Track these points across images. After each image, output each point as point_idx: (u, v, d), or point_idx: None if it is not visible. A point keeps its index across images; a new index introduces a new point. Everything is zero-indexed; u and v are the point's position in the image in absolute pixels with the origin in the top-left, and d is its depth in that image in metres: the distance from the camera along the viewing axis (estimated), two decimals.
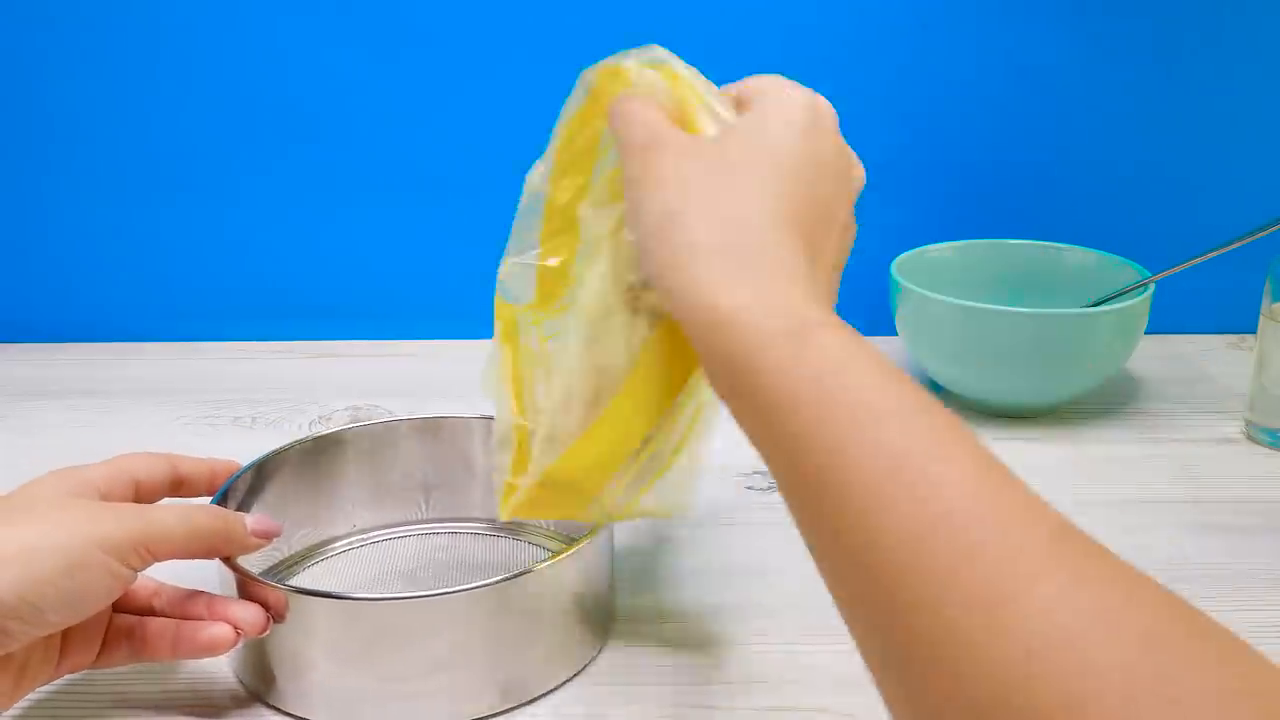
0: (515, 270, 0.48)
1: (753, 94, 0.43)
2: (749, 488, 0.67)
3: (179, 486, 0.51)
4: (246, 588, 0.48)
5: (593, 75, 0.46)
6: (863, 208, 0.88)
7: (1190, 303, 0.86)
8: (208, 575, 0.49)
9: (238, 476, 0.54)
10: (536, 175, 0.48)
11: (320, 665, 0.47)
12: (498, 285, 0.49)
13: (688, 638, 0.53)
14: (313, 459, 0.59)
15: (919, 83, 0.85)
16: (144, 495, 0.49)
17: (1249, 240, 0.68)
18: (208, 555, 0.47)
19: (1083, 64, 0.85)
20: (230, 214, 0.88)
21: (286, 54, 0.84)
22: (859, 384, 0.33)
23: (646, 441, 0.45)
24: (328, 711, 0.48)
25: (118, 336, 0.91)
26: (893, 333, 0.78)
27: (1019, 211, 0.88)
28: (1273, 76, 0.85)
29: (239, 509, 0.55)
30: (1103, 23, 0.84)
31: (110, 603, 0.44)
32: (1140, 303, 0.73)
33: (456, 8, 0.83)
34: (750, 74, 0.84)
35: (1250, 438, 0.73)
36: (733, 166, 0.39)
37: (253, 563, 0.53)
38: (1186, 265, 0.72)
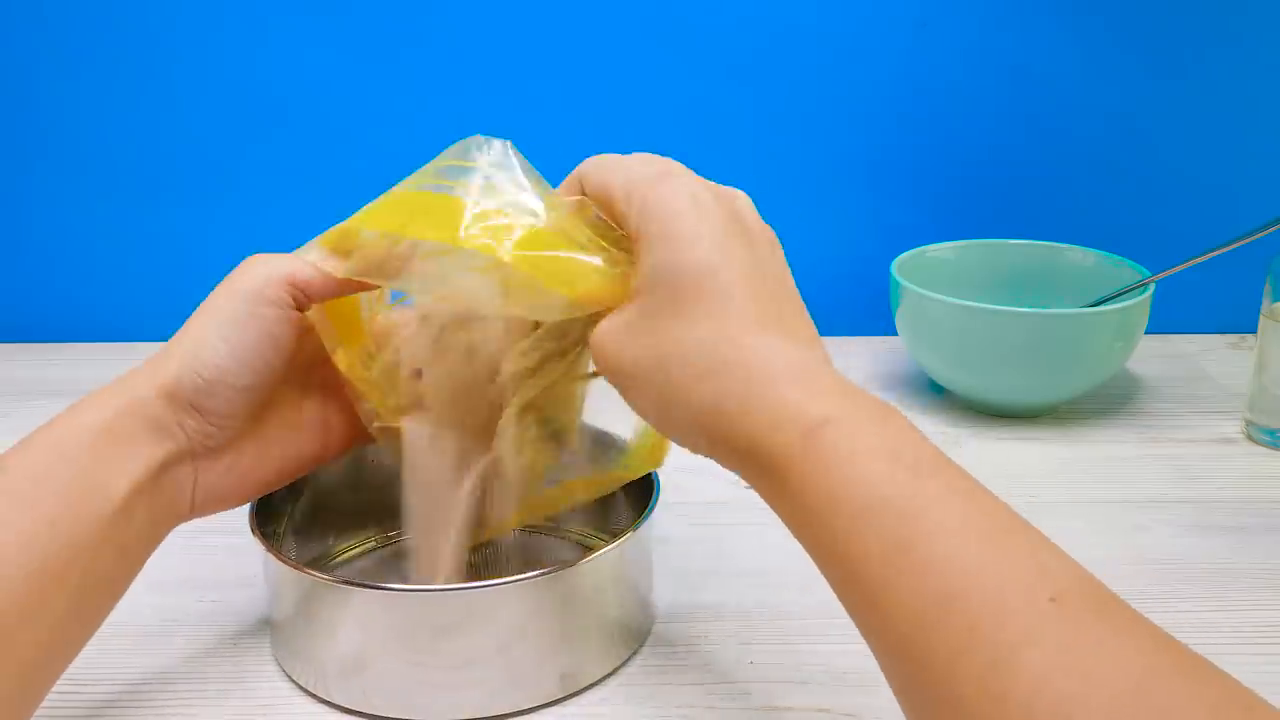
0: None
1: (636, 217, 0.41)
2: (749, 487, 0.67)
3: None
4: (303, 583, 0.48)
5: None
6: (863, 207, 0.89)
7: (1190, 303, 0.86)
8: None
9: None
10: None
11: (380, 658, 0.47)
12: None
13: (686, 638, 0.54)
14: (353, 456, 0.59)
15: (918, 82, 0.85)
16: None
17: (1249, 240, 0.68)
18: (357, 287, 0.47)
19: (1082, 63, 0.85)
20: (229, 214, 0.88)
21: (286, 55, 0.84)
22: (865, 475, 0.35)
23: None
24: (386, 704, 0.48)
25: (117, 336, 0.91)
26: (893, 332, 0.78)
27: (1019, 211, 0.88)
28: (1273, 76, 0.85)
29: (282, 503, 0.55)
30: (1102, 22, 0.84)
31: (283, 349, 0.45)
32: (1140, 303, 0.73)
33: (450, 12, 0.83)
34: (749, 75, 0.85)
35: (1250, 438, 0.73)
36: (680, 315, 0.39)
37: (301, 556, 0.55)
38: (1186, 265, 0.72)
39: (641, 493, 0.55)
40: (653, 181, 0.41)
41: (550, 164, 0.91)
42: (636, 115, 0.86)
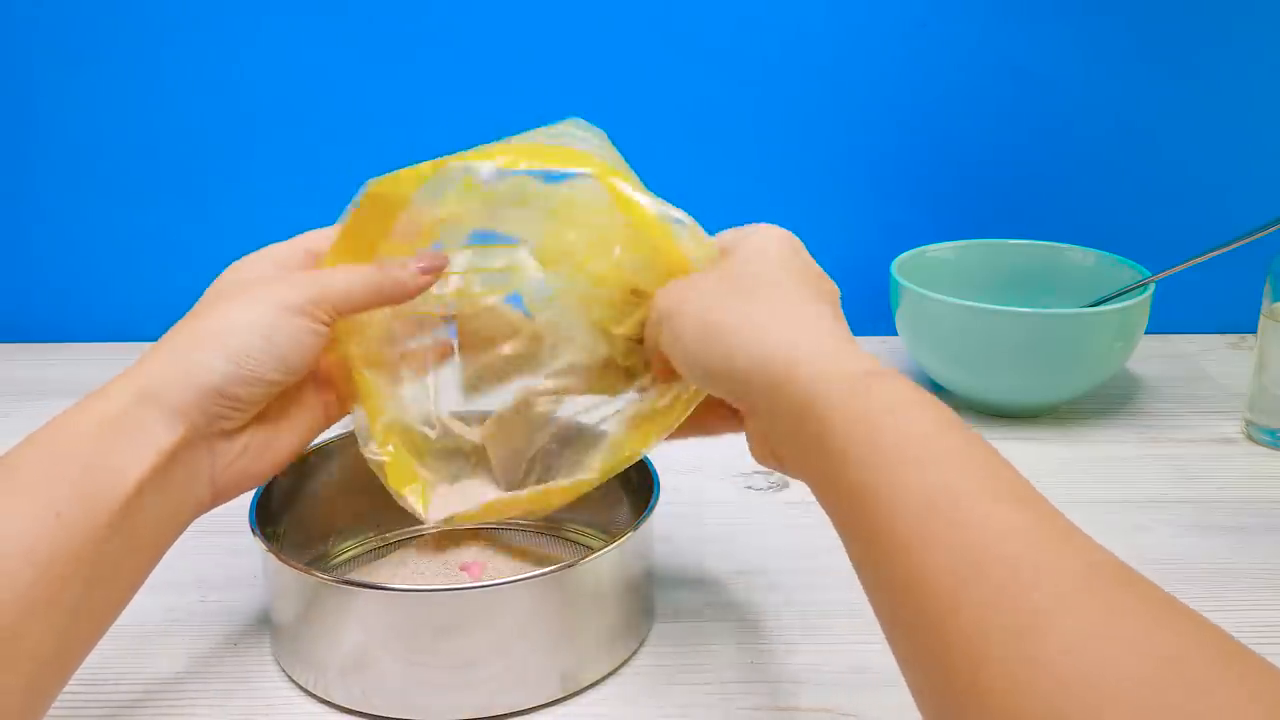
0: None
1: (728, 241, 0.48)
2: (749, 488, 0.67)
3: None
4: (304, 583, 0.48)
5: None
6: (863, 208, 0.89)
7: (1190, 303, 0.86)
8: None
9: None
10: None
11: (380, 658, 0.47)
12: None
13: (686, 638, 0.54)
14: (351, 453, 0.59)
15: (918, 83, 0.85)
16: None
17: (1249, 240, 0.68)
18: (387, 303, 0.49)
19: (1083, 64, 0.85)
20: (228, 214, 0.88)
21: (286, 56, 0.84)
22: (909, 428, 0.36)
23: None
24: (386, 704, 0.48)
25: (117, 336, 0.91)
26: (893, 332, 0.78)
27: (1019, 211, 0.88)
28: (1273, 76, 0.85)
29: (281, 503, 0.55)
30: (1103, 22, 0.84)
31: (314, 355, 0.47)
32: (1140, 303, 0.73)
33: (454, 13, 0.83)
34: (746, 73, 0.85)
35: (1250, 438, 0.73)
36: (754, 285, 0.45)
37: (301, 557, 0.55)
38: (1186, 265, 0.72)
39: (641, 493, 0.55)
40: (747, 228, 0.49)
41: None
42: (639, 116, 0.85)
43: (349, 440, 0.59)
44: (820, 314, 0.43)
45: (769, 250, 0.46)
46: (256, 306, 0.46)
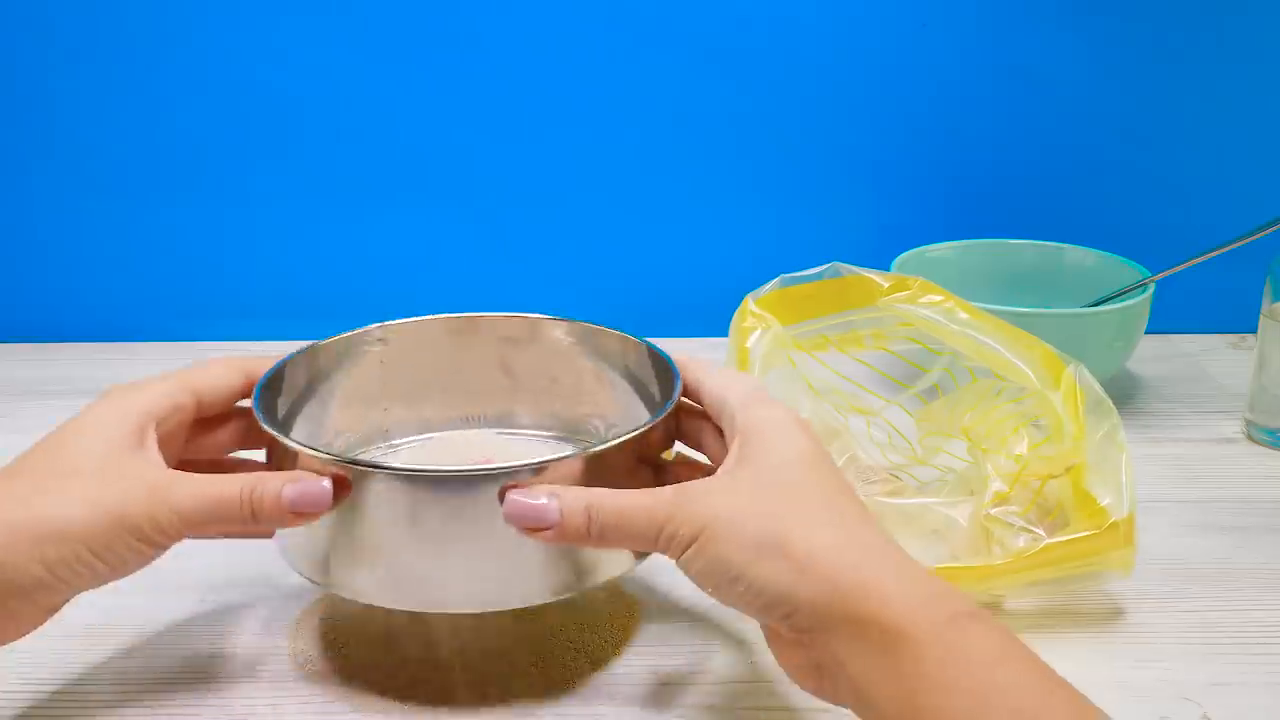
0: None
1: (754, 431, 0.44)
2: None
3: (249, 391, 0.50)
4: (313, 467, 0.45)
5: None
6: (863, 207, 0.89)
7: (1190, 303, 0.86)
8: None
9: (282, 363, 0.52)
10: None
11: (392, 547, 0.45)
12: None
13: (686, 638, 0.54)
14: (356, 356, 0.57)
15: (919, 82, 0.85)
16: (206, 409, 0.48)
17: (1249, 240, 0.68)
18: (233, 534, 0.45)
19: (1083, 64, 0.85)
20: (229, 214, 0.88)
21: (287, 54, 0.84)
22: (1012, 682, 0.35)
23: None
24: (399, 596, 0.46)
25: (118, 336, 0.91)
26: None
27: (1019, 211, 0.88)
28: (1272, 76, 0.85)
29: (288, 412, 0.53)
30: (1103, 22, 0.84)
31: (139, 569, 0.43)
32: (1140, 303, 0.73)
33: (457, 12, 0.83)
34: (747, 73, 0.84)
35: (1250, 437, 0.73)
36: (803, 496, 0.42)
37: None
38: (1186, 265, 0.72)
39: (664, 386, 0.53)
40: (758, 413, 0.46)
41: (555, 166, 0.91)
42: (638, 115, 0.85)
43: (357, 339, 0.57)
44: (888, 540, 0.41)
45: (804, 451, 0.43)
46: (90, 510, 0.41)
